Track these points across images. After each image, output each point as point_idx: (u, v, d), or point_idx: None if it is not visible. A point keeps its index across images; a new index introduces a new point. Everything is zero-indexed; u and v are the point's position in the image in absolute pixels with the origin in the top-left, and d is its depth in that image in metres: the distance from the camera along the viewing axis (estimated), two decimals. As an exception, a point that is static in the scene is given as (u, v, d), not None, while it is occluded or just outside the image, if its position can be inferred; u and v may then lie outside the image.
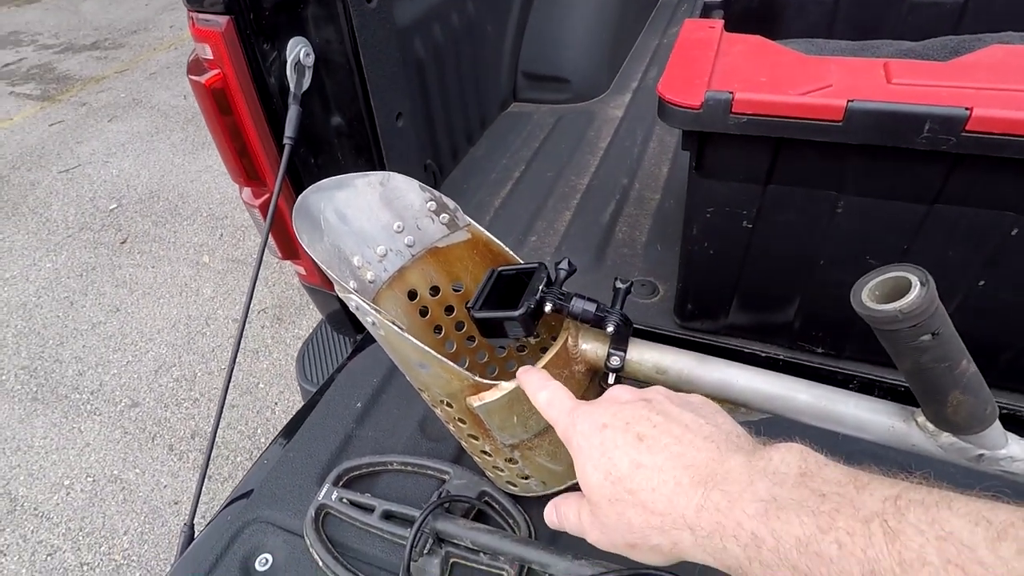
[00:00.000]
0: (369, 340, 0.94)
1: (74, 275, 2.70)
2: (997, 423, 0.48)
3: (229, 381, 0.83)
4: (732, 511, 0.33)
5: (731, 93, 0.61)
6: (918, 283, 0.42)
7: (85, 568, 1.79)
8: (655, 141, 1.35)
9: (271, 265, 2.65)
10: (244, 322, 0.77)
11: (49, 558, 1.81)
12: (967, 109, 0.53)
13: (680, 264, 0.82)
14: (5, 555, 1.82)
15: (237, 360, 2.42)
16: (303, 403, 0.91)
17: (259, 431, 2.05)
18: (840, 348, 0.81)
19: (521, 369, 0.54)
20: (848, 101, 0.56)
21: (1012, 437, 0.50)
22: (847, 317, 0.59)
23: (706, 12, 0.88)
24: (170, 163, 3.36)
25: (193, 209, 3.01)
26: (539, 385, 0.50)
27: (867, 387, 0.80)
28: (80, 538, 1.84)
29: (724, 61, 0.73)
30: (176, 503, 1.90)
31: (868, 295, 0.45)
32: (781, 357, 0.84)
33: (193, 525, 0.77)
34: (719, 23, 0.77)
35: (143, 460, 2.01)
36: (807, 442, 0.36)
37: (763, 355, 0.85)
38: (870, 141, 0.58)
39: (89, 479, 1.98)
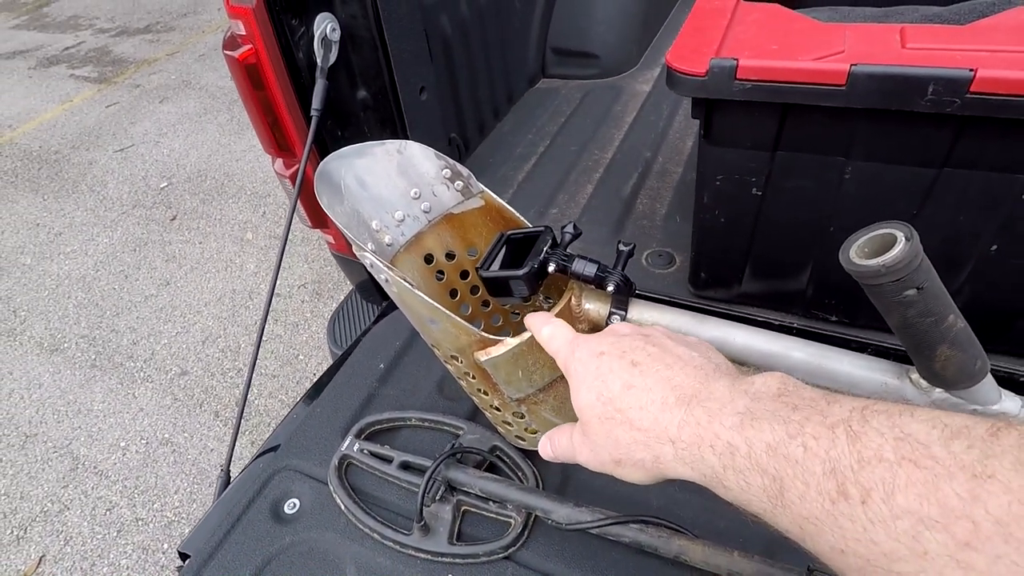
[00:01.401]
0: (393, 306, 0.98)
1: (128, 250, 2.85)
2: (988, 378, 0.49)
3: (262, 336, 0.89)
4: (711, 424, 0.35)
5: (736, 60, 0.61)
6: (903, 238, 0.43)
7: (140, 523, 1.92)
8: (681, 115, 1.35)
9: (311, 241, 2.74)
10: (276, 277, 0.82)
11: (108, 513, 1.95)
12: (971, 70, 0.52)
13: (693, 233, 0.83)
14: (69, 509, 1.97)
15: (279, 333, 2.51)
16: (327, 369, 0.96)
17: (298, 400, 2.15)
18: (853, 316, 0.81)
19: (528, 314, 0.57)
20: (851, 65, 0.57)
21: (1006, 393, 0.50)
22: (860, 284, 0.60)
23: (725, -19, 0.87)
24: (217, 143, 3.49)
25: (238, 187, 3.13)
26: (542, 322, 0.53)
27: (882, 354, 0.80)
28: (135, 495, 1.97)
29: (738, 30, 0.73)
30: (222, 466, 2.01)
31: (856, 252, 0.46)
32: (795, 325, 0.85)
33: (229, 471, 0.83)
34: (735, -9, 0.77)
35: (191, 425, 2.14)
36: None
37: (777, 323, 0.85)
38: (875, 105, 0.58)
39: (143, 441, 2.12)
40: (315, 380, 0.92)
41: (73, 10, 5.72)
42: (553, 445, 0.50)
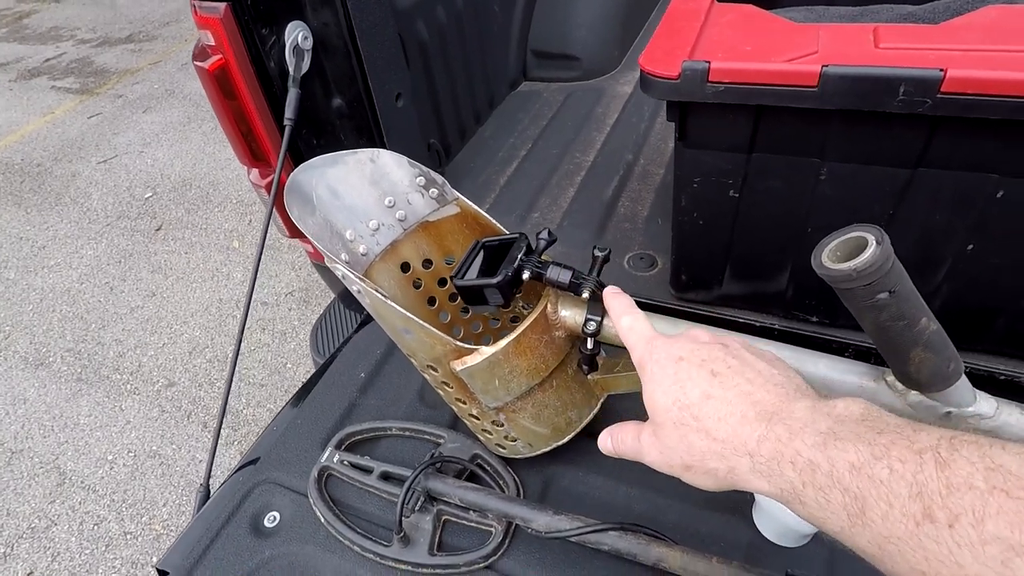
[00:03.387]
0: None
1: (113, 261, 2.82)
2: (963, 380, 0.49)
3: (239, 346, 0.88)
4: (792, 441, 0.35)
5: (708, 62, 0.61)
6: (873, 242, 0.43)
7: (128, 537, 1.89)
8: (662, 117, 1.34)
9: (298, 248, 2.72)
10: (251, 291, 0.81)
11: (96, 527, 1.93)
12: (941, 70, 0.52)
13: (672, 235, 0.83)
14: (56, 524, 1.94)
15: (266, 342, 2.49)
16: (305, 380, 0.95)
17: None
18: (833, 316, 0.81)
19: (610, 289, 0.56)
20: (823, 66, 0.56)
21: (981, 395, 0.50)
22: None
23: (700, -17, 0.87)
24: (201, 152, 3.46)
25: (223, 196, 3.11)
26: (622, 310, 0.52)
27: (863, 355, 0.80)
28: (123, 509, 1.95)
29: (711, 31, 0.73)
30: (211, 477, 1.99)
31: (828, 256, 0.46)
32: (776, 327, 0.84)
33: (208, 485, 0.82)
34: (709, -7, 0.77)
35: (179, 437, 2.11)
36: None
37: (758, 324, 0.85)
38: (848, 106, 0.58)
39: (130, 454, 2.09)
40: (296, 391, 0.91)
41: (54, 21, 5.67)
42: (615, 441, 0.49)
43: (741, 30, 0.72)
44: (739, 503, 0.67)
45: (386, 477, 0.73)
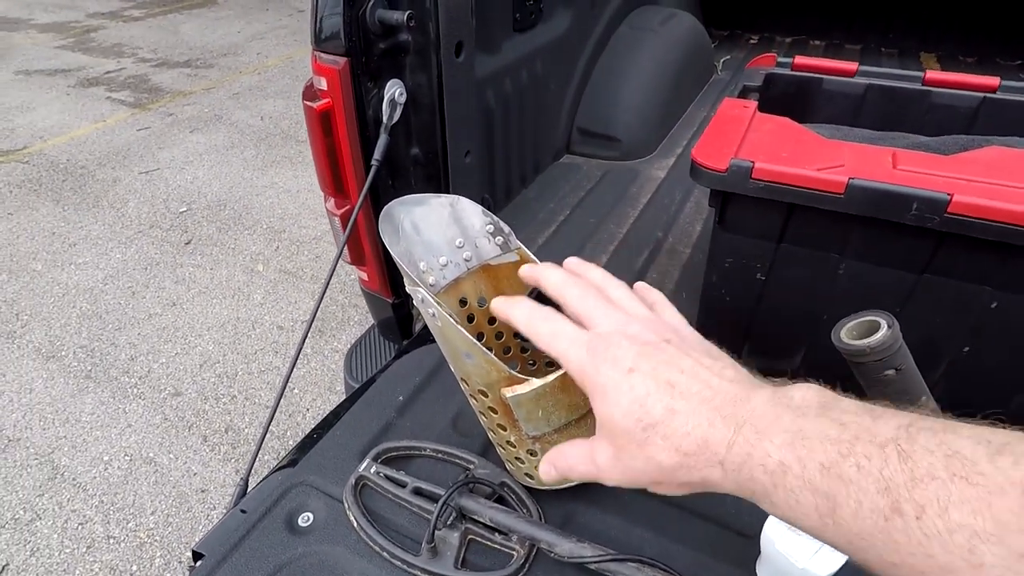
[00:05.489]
0: (414, 345, 1.05)
1: (139, 268, 2.91)
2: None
3: (292, 368, 0.95)
4: (761, 443, 0.35)
5: (752, 162, 0.72)
6: (885, 325, 0.52)
7: (111, 541, 1.88)
8: (692, 202, 1.47)
9: (320, 279, 2.81)
10: (316, 310, 0.89)
11: (80, 527, 1.92)
12: (949, 195, 0.63)
13: (699, 308, 0.92)
14: (41, 519, 1.94)
15: (276, 365, 2.54)
16: (346, 397, 1.02)
17: (289, 433, 2.16)
18: (839, 399, 0.89)
19: (501, 301, 0.53)
20: (850, 178, 0.67)
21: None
22: (847, 371, 0.68)
23: (744, 93, 1.00)
24: (240, 176, 3.62)
25: (255, 220, 3.23)
26: (540, 316, 0.49)
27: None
28: (111, 512, 1.95)
29: (753, 136, 0.84)
30: (203, 491, 2.00)
31: (846, 333, 0.54)
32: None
33: (247, 481, 0.88)
34: (753, 104, 0.89)
35: (178, 447, 2.13)
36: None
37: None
38: (867, 214, 0.68)
39: (127, 458, 2.10)
40: (335, 406, 0.98)
41: (119, 38, 6.01)
42: (567, 463, 0.47)
43: (779, 138, 0.83)
44: (744, 555, 0.72)
45: (418, 492, 0.79)
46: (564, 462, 0.47)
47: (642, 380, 0.41)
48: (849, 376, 0.86)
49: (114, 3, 7.30)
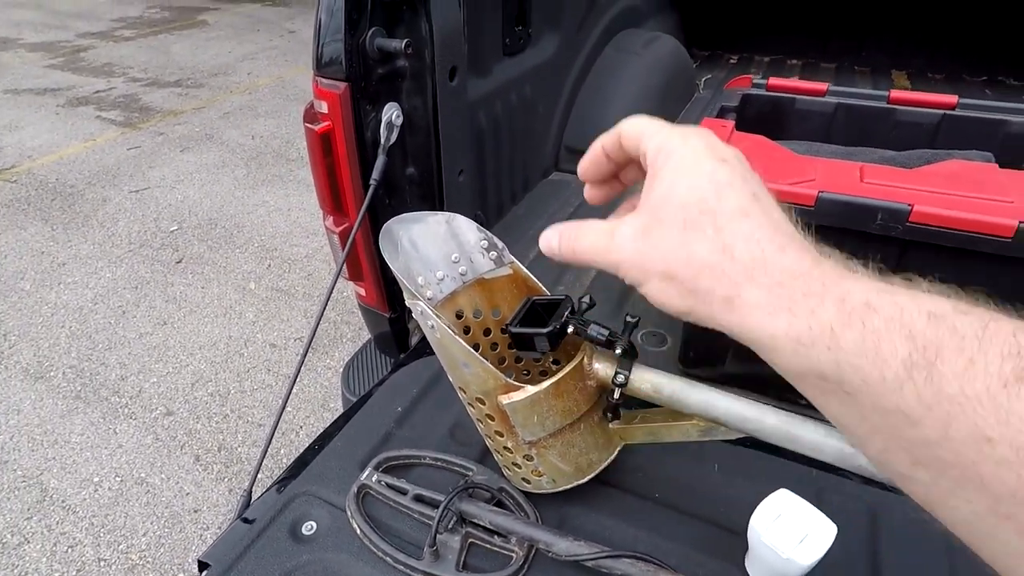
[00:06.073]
0: (411, 358, 1.09)
1: (130, 287, 2.91)
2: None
3: (293, 384, 0.98)
4: (843, 282, 0.31)
5: (731, 178, 0.77)
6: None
7: (102, 564, 1.87)
8: (676, 216, 1.52)
9: (312, 297, 2.83)
10: (317, 325, 0.93)
11: (69, 550, 1.90)
12: (909, 205, 0.68)
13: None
14: (29, 542, 1.92)
15: (269, 383, 2.55)
16: (343, 411, 1.05)
17: (282, 451, 2.17)
18: (819, 403, 0.93)
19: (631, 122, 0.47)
20: (819, 191, 0.72)
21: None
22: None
23: (722, 113, 1.06)
24: (231, 195, 3.64)
25: (246, 239, 3.25)
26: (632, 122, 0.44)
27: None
28: (101, 534, 1.93)
29: (732, 153, 0.90)
30: (196, 511, 1.99)
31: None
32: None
33: (251, 492, 0.90)
34: (731, 123, 0.95)
35: (170, 467, 2.13)
36: None
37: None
38: (836, 224, 0.73)
39: (117, 479, 2.09)
40: (330, 423, 1.00)
41: (109, 58, 6.03)
42: (567, 238, 0.43)
43: (755, 155, 0.88)
44: (734, 551, 0.76)
45: (419, 499, 0.82)
46: (573, 230, 0.43)
47: (729, 173, 0.37)
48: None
49: (105, 23, 7.34)
